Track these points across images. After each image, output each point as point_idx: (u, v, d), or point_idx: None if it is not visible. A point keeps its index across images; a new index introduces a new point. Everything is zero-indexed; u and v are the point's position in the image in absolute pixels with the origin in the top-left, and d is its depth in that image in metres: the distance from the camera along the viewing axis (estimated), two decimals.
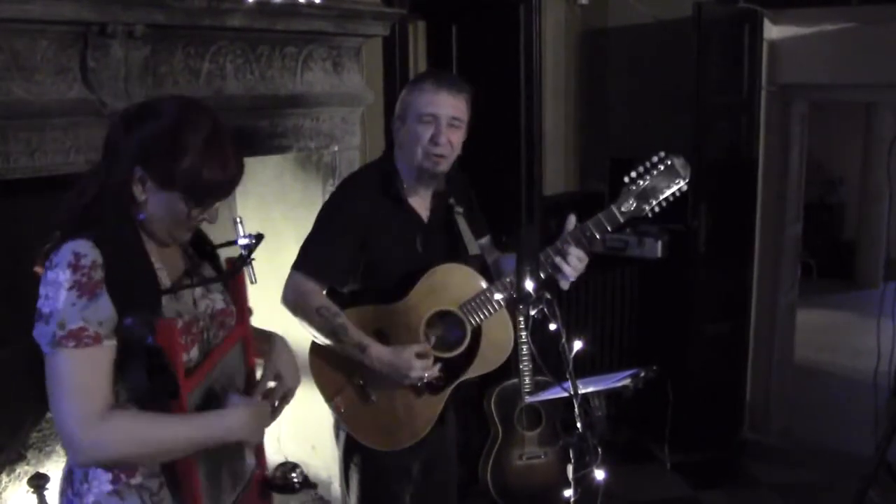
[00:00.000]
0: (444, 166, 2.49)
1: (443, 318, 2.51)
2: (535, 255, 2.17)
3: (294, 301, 2.48)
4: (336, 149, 3.49)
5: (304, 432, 3.77)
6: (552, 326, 2.08)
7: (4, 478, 3.00)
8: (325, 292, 2.52)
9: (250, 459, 2.02)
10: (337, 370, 2.50)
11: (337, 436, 2.66)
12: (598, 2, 5.04)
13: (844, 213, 9.02)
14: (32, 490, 2.87)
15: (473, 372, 2.53)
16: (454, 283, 2.49)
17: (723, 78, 4.49)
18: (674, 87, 4.43)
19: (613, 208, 2.43)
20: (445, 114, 2.42)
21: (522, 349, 3.71)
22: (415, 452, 2.60)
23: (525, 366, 3.74)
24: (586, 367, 4.19)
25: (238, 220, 1.94)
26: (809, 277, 7.85)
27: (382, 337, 2.47)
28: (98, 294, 1.61)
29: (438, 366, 2.47)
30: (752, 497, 4.31)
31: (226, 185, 1.76)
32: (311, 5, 3.08)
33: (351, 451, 2.61)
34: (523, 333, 3.64)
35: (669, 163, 2.40)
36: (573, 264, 2.41)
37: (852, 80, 4.54)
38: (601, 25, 5.09)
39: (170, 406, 1.68)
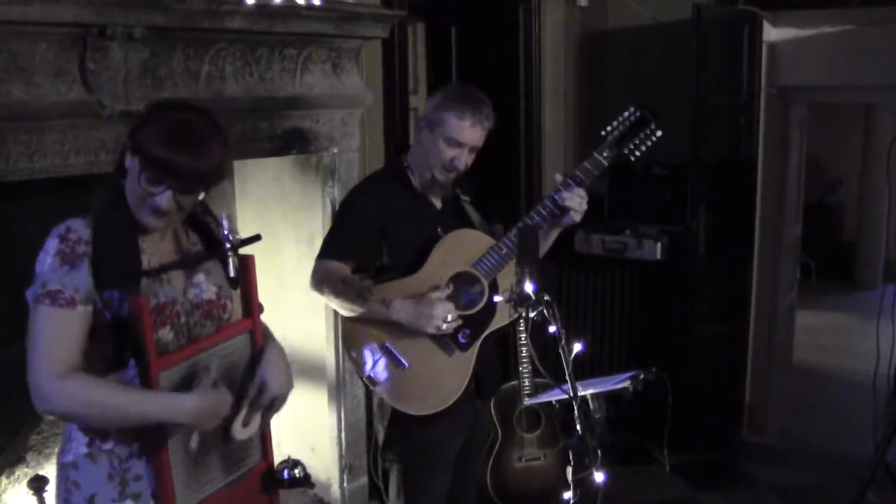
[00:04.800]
0: (453, 179, 2.66)
1: (460, 279, 2.60)
2: (534, 256, 2.18)
3: (320, 279, 2.61)
4: (335, 151, 3.49)
5: (303, 434, 3.77)
6: (552, 328, 2.09)
7: (4, 480, 2.99)
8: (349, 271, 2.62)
9: (254, 450, 2.06)
10: (369, 342, 2.58)
11: (370, 436, 2.73)
12: (597, 3, 5.04)
13: (844, 214, 9.01)
14: (32, 492, 2.87)
15: (496, 324, 2.62)
16: (465, 246, 2.62)
17: (722, 80, 4.49)
18: (673, 89, 4.43)
19: (596, 154, 2.57)
20: (471, 144, 2.61)
21: (522, 351, 3.72)
22: (456, 431, 2.68)
23: (525, 368, 3.74)
24: (585, 369, 4.20)
25: (224, 216, 1.99)
26: (808, 279, 7.84)
27: None
28: (78, 265, 1.80)
29: (457, 313, 2.53)
30: (751, 498, 4.30)
31: (179, 169, 1.80)
32: (310, 7, 3.08)
33: (393, 441, 2.69)
34: (523, 335, 3.65)
35: (639, 113, 2.57)
36: (574, 203, 2.53)
37: (851, 81, 4.55)
38: (600, 27, 5.09)
39: (144, 382, 1.81)
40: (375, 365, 2.56)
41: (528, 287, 2.09)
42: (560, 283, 4.88)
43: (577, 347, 2.25)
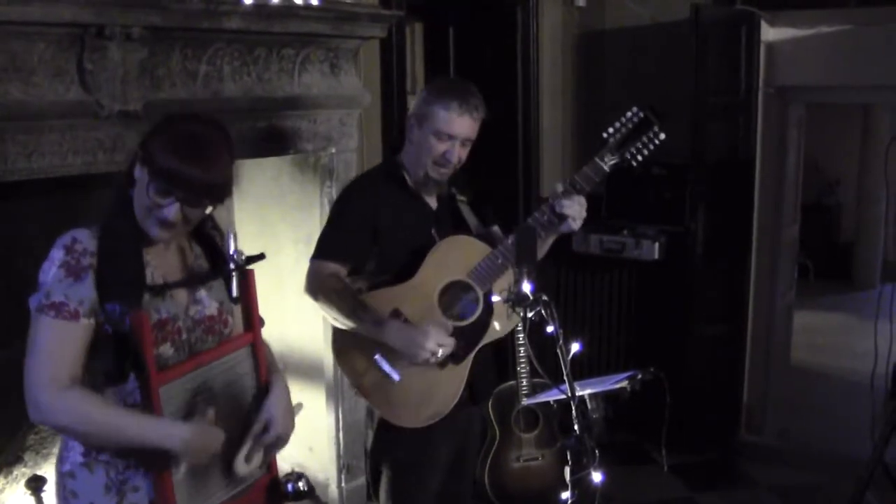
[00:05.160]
0: (447, 176, 2.61)
1: (455, 288, 2.56)
2: (532, 257, 2.18)
3: (315, 286, 2.56)
4: (333, 151, 3.50)
5: (301, 435, 3.76)
6: (549, 328, 2.09)
7: (2, 480, 2.99)
8: (345, 274, 2.58)
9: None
10: (361, 353, 2.54)
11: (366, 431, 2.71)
12: (595, 4, 5.04)
13: (842, 214, 9.01)
14: (30, 492, 2.87)
15: (490, 336, 2.58)
16: (460, 254, 2.57)
17: (720, 80, 4.49)
18: (671, 89, 4.43)
19: (597, 159, 2.50)
20: (462, 136, 2.55)
21: (520, 351, 3.71)
22: (448, 436, 2.65)
23: (522, 368, 3.74)
24: (583, 368, 4.20)
25: (230, 233, 1.98)
26: (807, 279, 7.84)
27: (399, 316, 2.52)
28: (83, 277, 1.79)
29: (452, 340, 2.48)
30: (750, 498, 4.30)
31: (188, 181, 1.80)
32: (308, 7, 3.08)
33: (381, 445, 2.67)
34: (521, 335, 3.64)
35: (642, 114, 2.50)
36: (573, 211, 2.48)
37: (850, 81, 4.54)
38: (598, 27, 5.09)
39: (143, 395, 1.80)
40: (366, 377, 2.53)
41: (526, 287, 2.09)
42: (558, 283, 4.88)
43: (575, 347, 2.24)
